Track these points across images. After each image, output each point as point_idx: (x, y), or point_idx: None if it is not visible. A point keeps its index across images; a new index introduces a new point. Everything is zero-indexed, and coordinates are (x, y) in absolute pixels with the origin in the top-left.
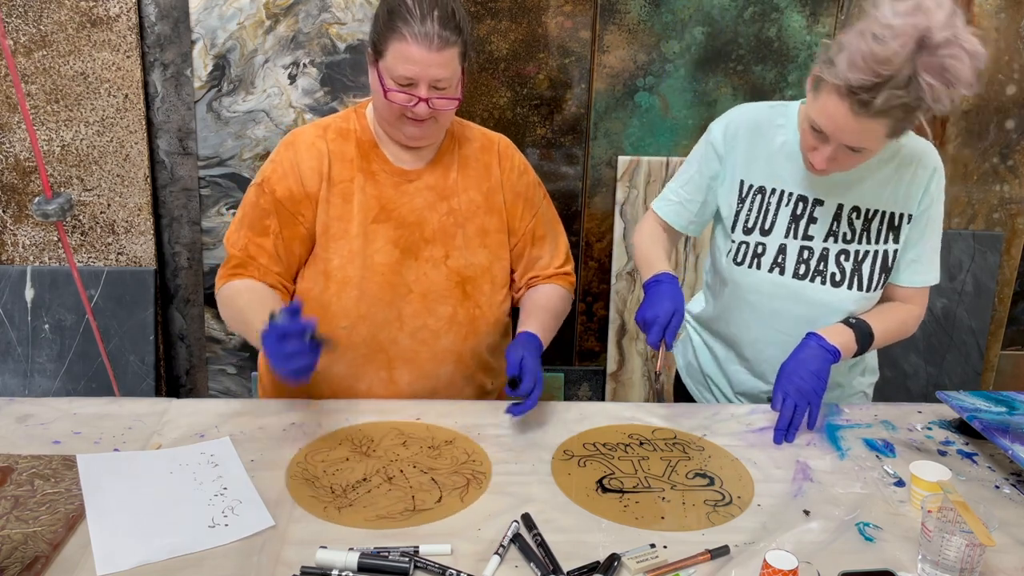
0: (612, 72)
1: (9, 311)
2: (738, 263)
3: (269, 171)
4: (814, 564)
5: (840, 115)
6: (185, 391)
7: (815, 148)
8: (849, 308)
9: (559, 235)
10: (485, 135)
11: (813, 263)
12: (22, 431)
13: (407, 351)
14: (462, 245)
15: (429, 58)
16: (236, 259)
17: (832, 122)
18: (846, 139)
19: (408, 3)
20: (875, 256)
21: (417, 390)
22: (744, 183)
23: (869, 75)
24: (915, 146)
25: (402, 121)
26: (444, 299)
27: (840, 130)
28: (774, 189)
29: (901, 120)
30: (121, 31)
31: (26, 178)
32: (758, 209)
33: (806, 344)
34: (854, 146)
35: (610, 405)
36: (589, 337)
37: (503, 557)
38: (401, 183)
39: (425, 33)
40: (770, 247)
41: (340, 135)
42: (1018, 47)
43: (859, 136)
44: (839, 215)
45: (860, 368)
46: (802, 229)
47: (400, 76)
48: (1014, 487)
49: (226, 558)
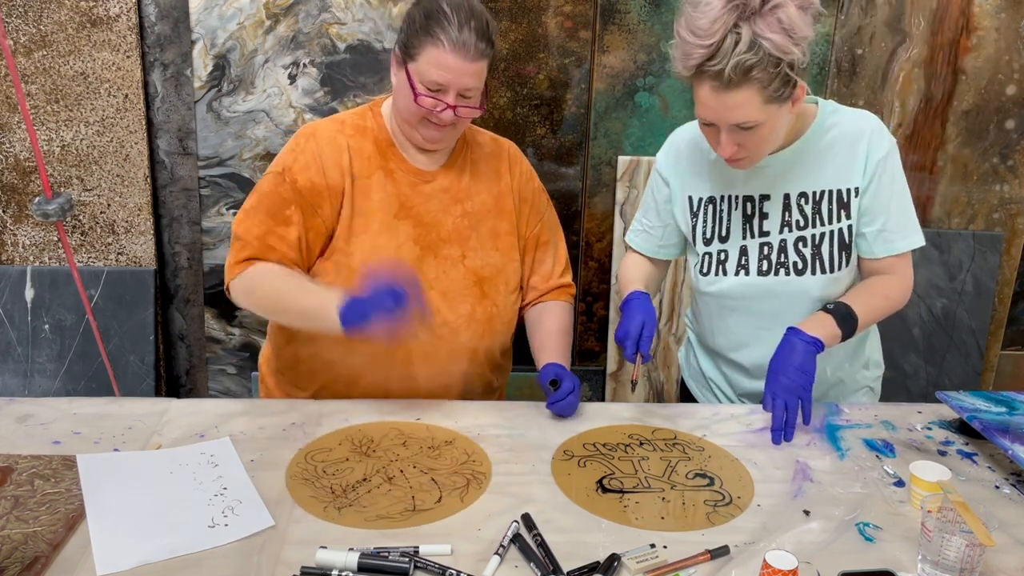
0: (612, 72)
1: (9, 311)
2: (704, 274)
3: (290, 160)
4: (814, 564)
5: (708, 98)
6: (185, 391)
7: (717, 143)
8: (819, 294)
9: (560, 242)
10: (495, 140)
11: (774, 257)
12: (22, 431)
13: (426, 346)
14: (477, 247)
15: (463, 67)
16: (252, 248)
17: (707, 108)
18: (727, 118)
19: (447, 10)
20: (831, 236)
21: (433, 386)
22: (693, 198)
23: (700, 48)
24: (846, 121)
25: (423, 124)
26: (463, 297)
27: (717, 112)
28: (723, 196)
29: (767, 84)
30: (121, 31)
31: (26, 178)
32: (713, 219)
33: (786, 340)
34: (739, 123)
35: (610, 405)
36: (589, 337)
37: (503, 557)
38: (417, 183)
39: (463, 42)
40: (731, 252)
41: (358, 132)
42: (1018, 47)
43: (735, 111)
44: (788, 204)
45: (862, 361)
46: (757, 227)
47: (431, 81)
48: (1014, 487)
49: (226, 558)
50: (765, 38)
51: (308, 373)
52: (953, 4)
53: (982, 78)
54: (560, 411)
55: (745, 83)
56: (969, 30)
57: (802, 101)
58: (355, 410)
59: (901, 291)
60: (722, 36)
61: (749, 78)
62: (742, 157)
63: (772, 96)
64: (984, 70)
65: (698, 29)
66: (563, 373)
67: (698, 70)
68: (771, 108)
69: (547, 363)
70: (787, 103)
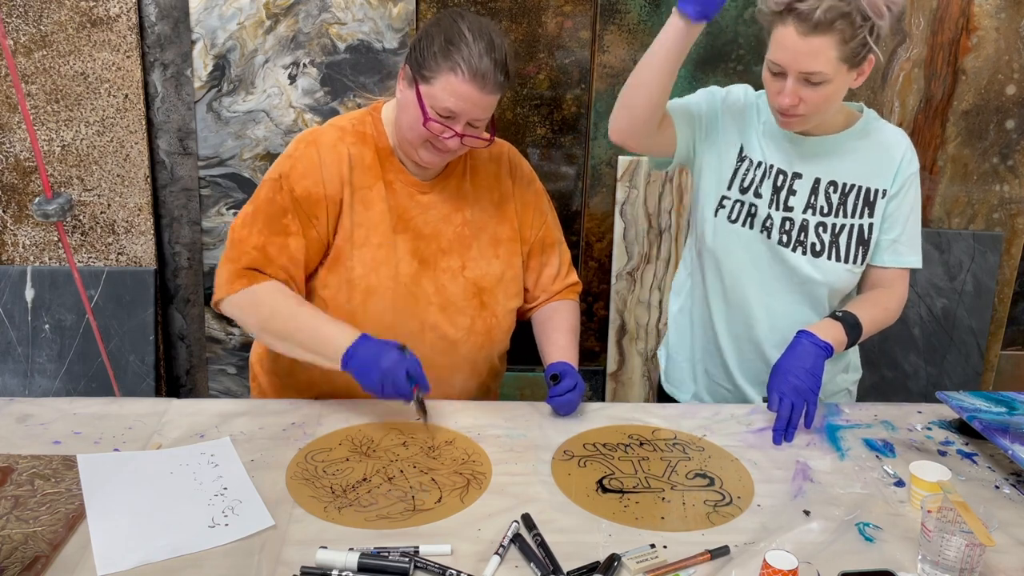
0: (612, 72)
1: (9, 311)
2: (732, 220)
3: (287, 167)
4: (814, 564)
5: (789, 39)
6: (185, 391)
7: (778, 91)
8: (829, 279)
9: (563, 241)
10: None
11: (794, 233)
12: (22, 431)
13: (427, 360)
14: (477, 255)
15: (478, 98)
16: (250, 258)
17: (783, 50)
18: (800, 64)
19: (468, 37)
20: (851, 229)
21: (432, 398)
22: (744, 149)
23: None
24: (887, 129)
25: (426, 147)
26: (462, 310)
27: (793, 56)
28: (760, 162)
29: (849, 39)
30: (121, 31)
31: (26, 178)
32: (752, 175)
33: (798, 342)
34: (809, 71)
35: (610, 405)
36: (589, 337)
37: (503, 557)
38: (415, 194)
39: (483, 73)
40: (760, 210)
41: (359, 139)
42: (1018, 47)
43: (811, 58)
44: (816, 188)
45: (842, 365)
46: (783, 200)
47: (444, 108)
48: (1014, 487)
49: (226, 558)
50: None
51: (307, 382)
52: (953, 4)
53: (982, 78)
54: (558, 406)
55: (829, 31)
56: (969, 30)
57: (866, 75)
58: (355, 410)
59: (897, 306)
60: None
61: (833, 27)
62: (798, 114)
63: (848, 54)
64: (984, 70)
65: None
66: (568, 370)
67: (787, 8)
68: (842, 68)
69: (554, 361)
70: (855, 70)
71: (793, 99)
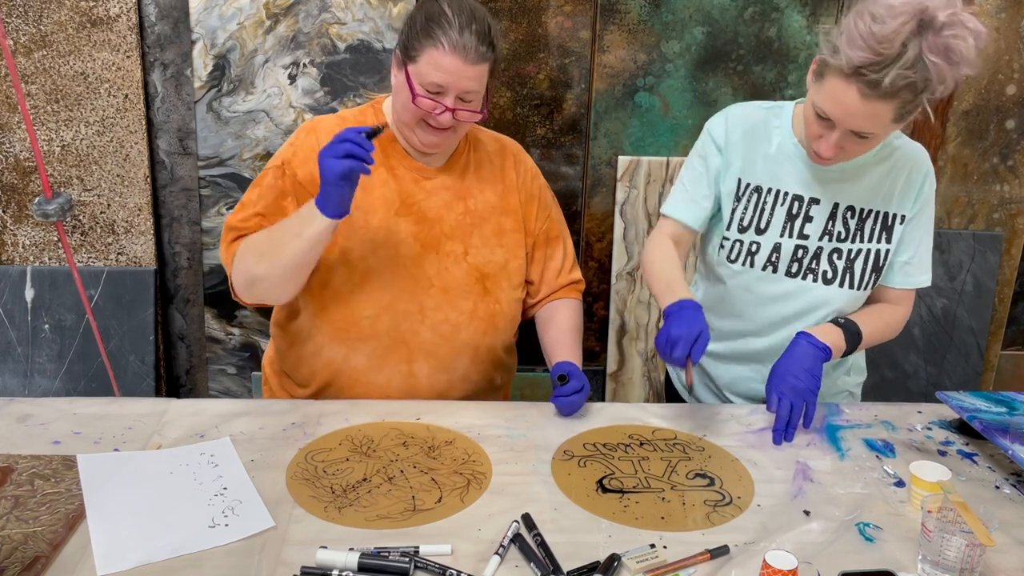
0: (612, 72)
1: (9, 311)
2: (731, 260)
3: (289, 154)
4: (814, 564)
5: (849, 99)
6: (185, 391)
7: (820, 136)
8: (838, 307)
9: (568, 237)
10: (497, 139)
11: (807, 261)
12: (22, 431)
13: (428, 343)
14: (480, 244)
15: (462, 69)
16: (240, 231)
17: (840, 107)
18: (854, 124)
19: (448, 13)
20: (867, 255)
21: (435, 383)
22: (742, 182)
23: (870, 54)
24: (909, 148)
25: (421, 127)
26: (465, 294)
27: (849, 114)
28: (771, 189)
29: (908, 103)
30: (121, 31)
31: (26, 178)
32: (754, 208)
33: (797, 343)
34: (862, 131)
35: (610, 405)
36: (589, 337)
37: (503, 557)
38: (419, 179)
39: (463, 45)
40: (764, 246)
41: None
42: (1018, 47)
43: (867, 120)
44: (834, 214)
45: (844, 368)
46: (798, 228)
47: (430, 83)
48: (1014, 487)
49: (226, 558)
50: (930, 60)
51: (310, 371)
52: None
53: (982, 78)
54: (563, 407)
55: (890, 98)
56: None
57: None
58: (355, 410)
59: (900, 322)
60: (897, 52)
61: (896, 95)
62: (835, 159)
63: (902, 114)
64: (984, 70)
65: (879, 36)
66: (574, 371)
67: (856, 71)
68: (893, 125)
69: (560, 361)
70: (902, 123)
71: (836, 151)
